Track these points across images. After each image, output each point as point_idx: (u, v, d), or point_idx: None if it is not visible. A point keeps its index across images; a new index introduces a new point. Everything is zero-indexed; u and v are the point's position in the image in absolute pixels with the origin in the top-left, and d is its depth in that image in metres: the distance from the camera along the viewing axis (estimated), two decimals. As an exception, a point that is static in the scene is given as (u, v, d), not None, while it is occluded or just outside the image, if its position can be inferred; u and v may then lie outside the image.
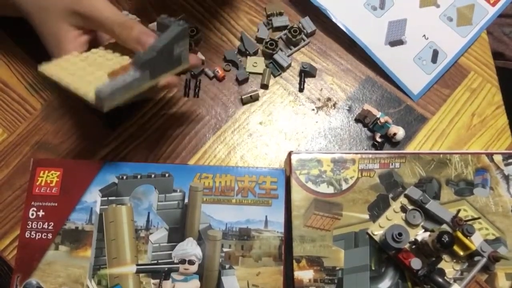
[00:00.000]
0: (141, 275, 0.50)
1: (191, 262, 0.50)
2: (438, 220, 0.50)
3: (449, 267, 0.49)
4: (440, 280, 0.47)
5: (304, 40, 0.64)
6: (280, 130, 0.61)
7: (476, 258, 0.48)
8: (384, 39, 0.64)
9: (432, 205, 0.50)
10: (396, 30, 0.64)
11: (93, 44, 0.52)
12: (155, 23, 0.49)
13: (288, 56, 0.63)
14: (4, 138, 0.60)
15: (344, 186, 0.52)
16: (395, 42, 0.64)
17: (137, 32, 0.46)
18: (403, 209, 0.51)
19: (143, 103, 0.61)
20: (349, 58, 0.65)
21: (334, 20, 0.63)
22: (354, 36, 0.63)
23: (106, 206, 0.52)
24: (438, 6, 0.65)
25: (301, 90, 0.63)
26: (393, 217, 0.51)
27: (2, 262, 0.55)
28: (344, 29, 0.63)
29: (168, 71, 0.49)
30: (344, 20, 0.64)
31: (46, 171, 0.54)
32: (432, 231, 0.49)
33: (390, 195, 0.52)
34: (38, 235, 0.52)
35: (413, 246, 0.49)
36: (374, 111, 0.60)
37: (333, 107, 0.62)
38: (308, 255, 0.50)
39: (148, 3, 0.66)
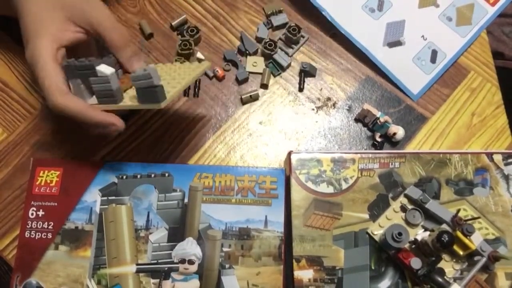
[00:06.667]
0: (141, 274, 0.50)
1: (191, 262, 0.50)
2: (438, 220, 0.50)
3: (449, 267, 0.49)
4: (440, 279, 0.47)
5: (304, 37, 0.64)
6: (280, 130, 0.61)
7: (476, 258, 0.48)
8: (382, 40, 0.64)
9: (432, 205, 0.50)
10: (394, 32, 0.64)
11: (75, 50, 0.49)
12: None
13: (290, 56, 0.63)
14: (4, 138, 0.60)
15: (344, 186, 0.52)
16: (394, 43, 0.64)
17: (131, 53, 0.49)
18: (403, 208, 0.51)
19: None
20: (349, 58, 0.64)
21: (332, 22, 0.64)
22: (352, 38, 0.63)
23: (106, 206, 0.52)
24: (437, 6, 0.65)
25: (301, 89, 0.63)
26: (393, 216, 0.51)
27: (2, 261, 0.55)
28: (343, 32, 0.63)
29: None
30: (343, 22, 0.64)
31: (46, 171, 0.54)
32: (432, 230, 0.49)
33: (390, 195, 0.52)
34: (38, 235, 0.52)
35: (413, 246, 0.49)
36: (374, 110, 0.60)
37: (333, 107, 0.62)
38: (308, 255, 0.50)
39: (148, 3, 0.66)
